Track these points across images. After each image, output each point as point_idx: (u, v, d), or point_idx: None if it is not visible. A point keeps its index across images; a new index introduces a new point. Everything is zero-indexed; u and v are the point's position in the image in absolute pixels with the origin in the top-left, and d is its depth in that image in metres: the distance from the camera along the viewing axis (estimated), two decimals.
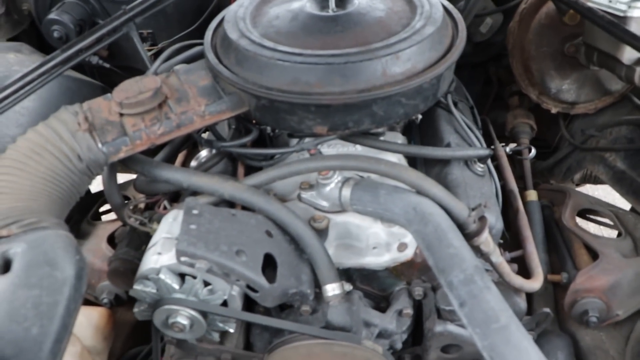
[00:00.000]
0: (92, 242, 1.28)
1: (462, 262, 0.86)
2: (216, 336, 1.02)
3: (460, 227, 1.01)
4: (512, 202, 1.29)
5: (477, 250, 1.04)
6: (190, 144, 1.34)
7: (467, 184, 1.14)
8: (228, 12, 1.17)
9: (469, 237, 1.01)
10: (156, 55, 1.31)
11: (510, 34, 1.43)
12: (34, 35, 1.62)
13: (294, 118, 1.03)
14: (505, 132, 1.59)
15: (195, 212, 0.96)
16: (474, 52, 1.66)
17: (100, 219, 1.52)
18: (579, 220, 1.55)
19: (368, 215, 1.05)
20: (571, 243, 1.37)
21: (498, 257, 1.06)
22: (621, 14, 1.14)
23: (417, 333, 1.17)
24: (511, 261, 1.19)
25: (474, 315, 0.80)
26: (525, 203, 1.45)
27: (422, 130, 1.34)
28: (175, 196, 1.18)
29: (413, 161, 1.26)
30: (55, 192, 0.96)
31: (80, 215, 1.42)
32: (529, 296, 1.35)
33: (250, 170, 1.13)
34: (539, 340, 1.26)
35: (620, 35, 1.07)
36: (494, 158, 1.43)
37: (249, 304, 1.06)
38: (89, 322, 1.10)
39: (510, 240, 1.31)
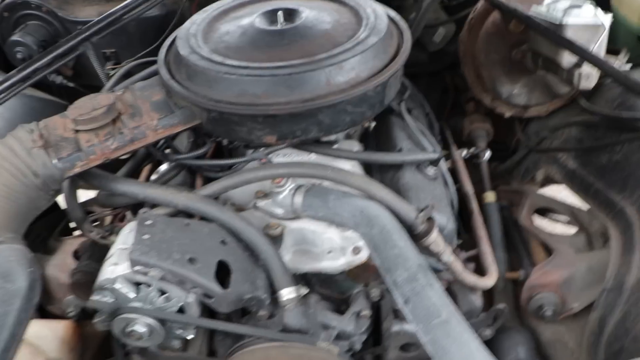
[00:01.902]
0: (59, 257, 1.30)
1: (406, 262, 0.90)
2: (177, 344, 1.04)
3: (409, 228, 1.05)
4: (467, 204, 1.33)
5: (427, 250, 1.08)
6: (153, 158, 1.37)
7: (419, 187, 1.18)
8: (181, 30, 1.21)
9: (418, 237, 1.04)
10: None
11: (461, 43, 1.48)
12: (1, 58, 1.65)
13: (243, 129, 1.07)
14: (462, 137, 1.64)
15: (148, 222, 0.98)
16: (430, 61, 1.71)
17: (71, 234, 1.54)
18: (543, 219, 1.60)
19: (320, 220, 1.09)
20: (528, 241, 1.41)
21: (449, 257, 1.09)
22: (557, 22, 1.19)
23: (377, 333, 1.19)
24: (467, 260, 1.23)
25: (416, 312, 0.84)
26: (483, 205, 1.50)
27: (377, 137, 1.38)
28: (139, 208, 1.20)
29: (369, 167, 1.30)
30: (12, 207, 0.98)
31: (48, 231, 1.44)
32: (490, 294, 1.39)
33: (208, 182, 1.16)
34: (500, 337, 1.29)
35: (557, 41, 1.12)
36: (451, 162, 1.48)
37: (211, 312, 1.09)
38: (55, 334, 1.12)
39: (469, 240, 1.35)
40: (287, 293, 1.04)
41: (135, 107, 1.10)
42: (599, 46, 1.19)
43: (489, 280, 1.15)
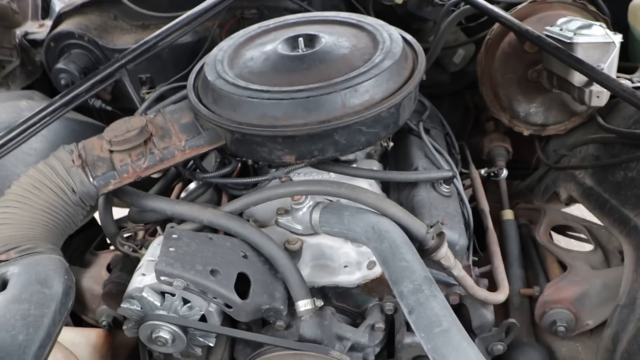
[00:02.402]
0: (94, 270, 1.39)
1: (412, 274, 0.94)
2: (199, 351, 1.11)
3: (420, 243, 1.09)
4: (483, 220, 1.36)
5: (439, 265, 1.12)
6: (183, 177, 1.45)
7: (432, 204, 1.22)
8: (209, 56, 1.30)
9: (429, 252, 1.09)
10: None
11: (479, 63, 1.53)
12: (46, 84, 1.78)
13: (264, 149, 1.14)
14: (483, 155, 1.67)
15: (174, 236, 1.06)
16: (452, 82, 1.76)
17: (107, 248, 1.64)
18: (560, 237, 1.61)
19: (335, 236, 1.14)
20: (545, 258, 1.43)
21: (460, 271, 1.13)
22: (568, 41, 1.22)
23: (391, 346, 1.23)
24: (481, 276, 1.27)
25: (419, 321, 0.88)
26: (501, 222, 1.53)
27: (395, 156, 1.43)
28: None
29: (387, 186, 1.35)
30: (52, 222, 1.08)
31: (85, 245, 1.54)
32: (507, 310, 1.41)
33: (233, 199, 1.24)
34: (514, 353, 1.31)
35: (566, 60, 1.16)
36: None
37: (233, 321, 1.15)
38: (87, 342, 1.20)
39: (486, 257, 1.38)
40: (304, 305, 1.09)
41: (165, 129, 1.19)
42: (610, 64, 1.22)
43: (500, 296, 1.18)
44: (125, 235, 1.22)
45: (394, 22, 1.63)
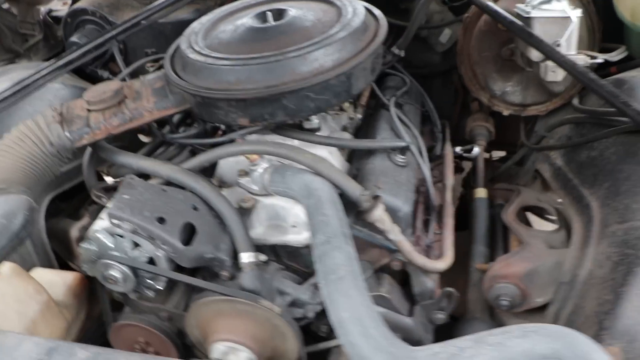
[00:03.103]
0: (83, 221, 1.53)
1: (327, 227, 1.00)
2: (150, 293, 1.22)
3: (355, 204, 1.15)
4: (442, 194, 1.39)
5: (374, 227, 1.17)
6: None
7: (382, 172, 1.27)
8: (188, 28, 1.40)
9: (363, 213, 1.14)
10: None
11: (459, 42, 1.54)
12: None
13: (221, 112, 1.22)
14: (465, 135, 1.68)
15: (131, 185, 1.17)
16: (442, 62, 1.77)
17: None
18: (538, 219, 1.60)
19: (281, 195, 1.21)
20: (509, 237, 1.43)
21: (397, 236, 1.17)
22: (525, 15, 1.22)
23: None
24: (429, 246, 1.30)
25: (320, 269, 0.94)
26: (473, 200, 1.54)
27: (366, 128, 1.48)
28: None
29: (352, 155, 1.41)
30: (30, 169, 1.22)
31: (80, 202, 1.69)
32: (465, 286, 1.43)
33: None
34: (462, 326, 1.34)
35: (519, 34, 1.16)
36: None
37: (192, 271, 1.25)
38: (64, 282, 1.33)
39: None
40: (247, 257, 1.17)
41: (139, 93, 1.30)
42: (567, 39, 1.21)
43: (439, 264, 1.21)
44: (103, 187, 1.35)
45: (380, 2, 1.69)
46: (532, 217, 1.60)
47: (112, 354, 0.83)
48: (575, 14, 1.20)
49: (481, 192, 1.53)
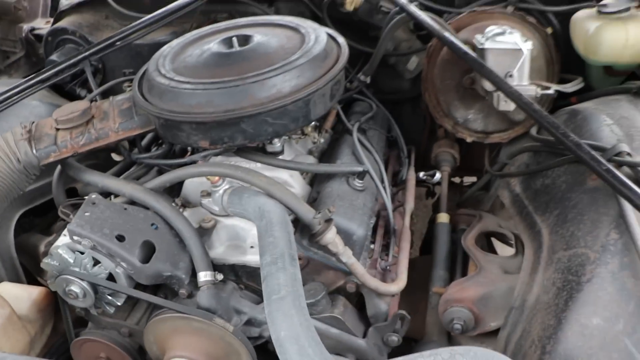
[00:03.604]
0: (52, 237, 1.56)
1: (274, 249, 1.03)
2: (110, 310, 1.24)
3: (308, 227, 1.18)
4: (402, 219, 1.42)
5: (327, 250, 1.20)
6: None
7: (339, 196, 1.30)
8: (158, 52, 1.45)
9: (315, 236, 1.17)
10: None
11: (423, 70, 1.59)
12: None
13: (183, 134, 1.26)
14: (431, 161, 1.72)
15: (93, 203, 1.21)
16: (411, 88, 1.82)
17: None
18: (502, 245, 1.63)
19: (238, 216, 1.25)
20: (467, 261, 1.46)
21: (350, 259, 1.20)
22: (480, 47, 1.27)
23: None
24: (386, 269, 1.33)
25: (265, 289, 0.97)
26: (435, 225, 1.58)
27: (330, 153, 1.52)
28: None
29: (314, 179, 1.44)
30: None
31: (54, 218, 1.72)
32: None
33: None
34: (419, 349, 1.35)
35: (471, 64, 1.21)
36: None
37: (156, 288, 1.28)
38: (29, 297, 1.35)
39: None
40: (204, 275, 1.20)
41: (107, 113, 1.34)
42: (519, 70, 1.25)
43: (392, 287, 1.23)
44: (70, 204, 1.38)
45: (352, 29, 1.74)
46: (497, 243, 1.63)
47: None
48: (527, 46, 1.25)
49: (443, 217, 1.56)
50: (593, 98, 1.49)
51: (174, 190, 1.42)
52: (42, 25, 1.95)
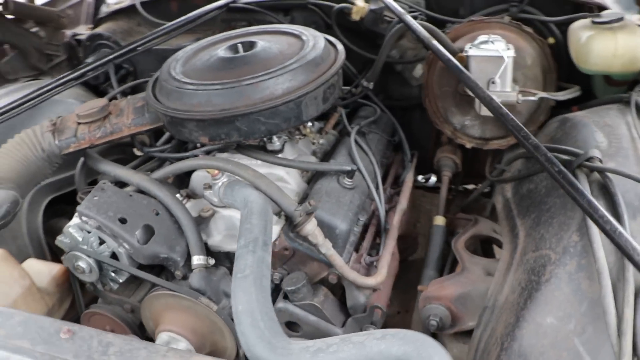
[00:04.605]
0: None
1: (249, 234, 1.13)
2: (114, 286, 1.37)
3: (290, 218, 1.27)
4: (390, 218, 1.48)
5: (307, 241, 1.28)
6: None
7: (327, 192, 1.39)
8: (173, 55, 1.58)
9: (296, 227, 1.26)
10: None
11: (423, 77, 1.65)
12: None
13: (185, 130, 1.38)
14: (434, 165, 1.77)
15: (102, 189, 1.35)
16: (419, 95, 1.87)
17: None
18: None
19: (231, 207, 1.35)
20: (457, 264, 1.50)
21: (329, 250, 1.28)
22: (464, 54, 1.32)
23: None
24: (370, 264, 1.40)
25: (235, 269, 1.06)
26: (432, 227, 1.63)
27: (332, 153, 1.60)
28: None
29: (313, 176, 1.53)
30: (22, 170, 1.42)
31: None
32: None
33: None
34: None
35: (453, 70, 1.26)
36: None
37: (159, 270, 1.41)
38: (49, 272, 1.51)
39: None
40: (197, 259, 1.31)
41: (122, 110, 1.49)
42: (501, 76, 1.29)
43: (370, 280, 1.30)
44: (87, 191, 1.53)
45: (361, 37, 1.82)
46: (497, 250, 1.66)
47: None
48: (508, 53, 1.29)
49: (439, 220, 1.61)
50: (591, 107, 1.51)
51: (184, 183, 1.55)
52: (84, 31, 2.14)
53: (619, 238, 0.91)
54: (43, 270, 1.52)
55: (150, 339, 1.41)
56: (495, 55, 1.29)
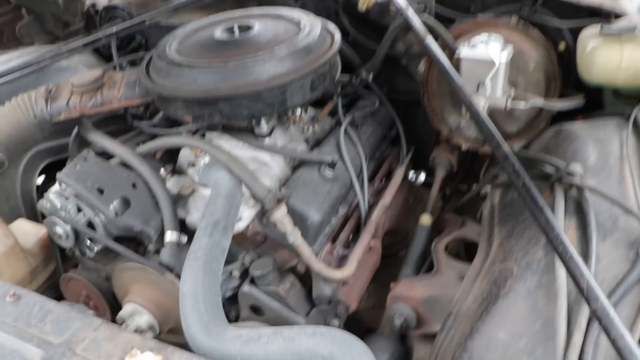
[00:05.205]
0: None
1: (210, 217, 1.14)
2: (90, 254, 1.40)
3: (261, 203, 1.27)
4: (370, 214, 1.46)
5: (275, 227, 1.28)
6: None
7: (305, 182, 1.38)
8: (172, 32, 1.58)
9: (265, 212, 1.26)
10: None
11: (424, 73, 1.60)
12: None
13: (171, 107, 1.39)
14: (429, 163, 1.73)
15: (84, 158, 1.37)
16: None
17: None
18: None
19: (206, 186, 1.36)
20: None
21: (296, 239, 1.27)
22: (456, 55, 1.27)
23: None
24: (343, 257, 1.38)
25: (190, 249, 1.07)
26: (417, 226, 1.60)
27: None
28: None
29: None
30: (14, 134, 1.46)
31: None
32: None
33: None
34: (367, 339, 1.40)
35: (441, 71, 1.22)
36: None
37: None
38: (36, 233, 1.55)
39: None
40: (170, 235, 1.33)
41: (115, 83, 1.51)
42: (492, 80, 1.24)
43: (336, 273, 1.29)
44: None
45: (370, 28, 1.78)
46: None
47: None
48: (502, 58, 1.24)
49: (425, 219, 1.58)
50: (595, 118, 1.44)
51: (174, 159, 1.56)
52: (103, 0, 2.17)
53: (569, 261, 0.86)
54: (30, 231, 1.56)
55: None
56: (484, 58, 1.24)
